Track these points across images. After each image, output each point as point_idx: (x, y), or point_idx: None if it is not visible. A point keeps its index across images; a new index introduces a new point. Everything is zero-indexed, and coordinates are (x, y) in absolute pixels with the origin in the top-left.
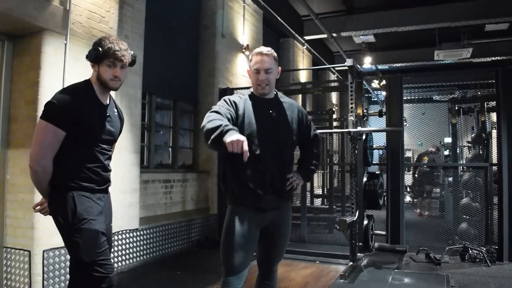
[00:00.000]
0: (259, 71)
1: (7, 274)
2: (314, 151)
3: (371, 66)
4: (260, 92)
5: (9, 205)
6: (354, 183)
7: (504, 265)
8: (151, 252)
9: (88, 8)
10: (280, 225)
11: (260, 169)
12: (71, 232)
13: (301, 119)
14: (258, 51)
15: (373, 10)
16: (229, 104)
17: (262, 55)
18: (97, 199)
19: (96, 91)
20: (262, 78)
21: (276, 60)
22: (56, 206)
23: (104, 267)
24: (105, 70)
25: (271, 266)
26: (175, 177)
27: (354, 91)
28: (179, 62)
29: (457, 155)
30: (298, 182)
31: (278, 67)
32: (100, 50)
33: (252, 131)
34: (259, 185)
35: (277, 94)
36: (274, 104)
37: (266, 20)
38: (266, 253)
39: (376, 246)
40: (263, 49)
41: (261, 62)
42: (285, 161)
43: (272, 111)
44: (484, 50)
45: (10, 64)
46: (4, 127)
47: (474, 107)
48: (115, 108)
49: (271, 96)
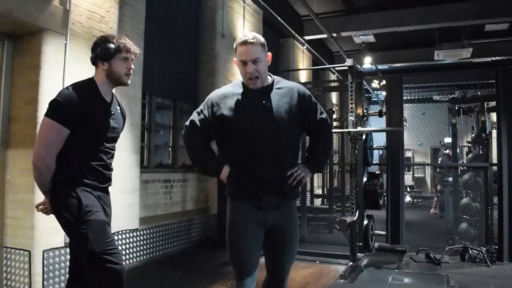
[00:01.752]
0: (246, 63)
1: (7, 274)
2: (322, 138)
3: (371, 66)
4: (252, 87)
5: (9, 205)
6: (354, 183)
7: (504, 265)
8: (151, 252)
9: (88, 8)
10: (284, 230)
11: (256, 168)
12: (78, 225)
13: (302, 104)
14: (242, 40)
15: (373, 10)
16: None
17: (247, 45)
18: (97, 196)
19: (100, 89)
20: (250, 70)
21: (264, 46)
22: (59, 202)
23: (115, 256)
24: (119, 65)
25: (277, 276)
26: (175, 177)
27: (354, 91)
28: (179, 62)
29: (457, 155)
30: (303, 175)
31: (268, 54)
32: (112, 46)
33: (241, 128)
34: (256, 184)
35: (274, 80)
36: (268, 93)
37: (266, 20)
38: (272, 260)
39: (376, 246)
40: (248, 36)
41: (246, 53)
42: (285, 155)
43: (266, 101)
44: (484, 50)
45: (10, 64)
46: (4, 127)
47: (474, 107)
48: (117, 106)
49: (264, 84)
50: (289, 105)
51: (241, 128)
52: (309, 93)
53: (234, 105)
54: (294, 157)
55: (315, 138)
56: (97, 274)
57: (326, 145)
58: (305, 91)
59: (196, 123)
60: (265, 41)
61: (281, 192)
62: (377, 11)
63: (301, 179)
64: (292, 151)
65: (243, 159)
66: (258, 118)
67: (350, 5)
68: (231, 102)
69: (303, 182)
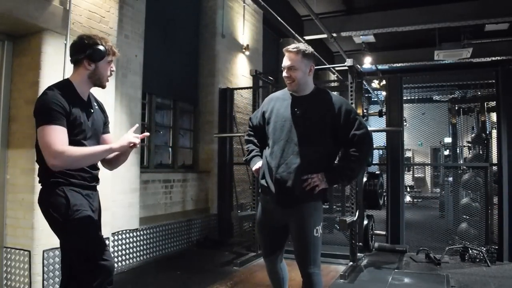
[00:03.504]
0: (284, 69)
1: (7, 274)
2: (352, 153)
3: (371, 66)
4: (288, 89)
5: (9, 205)
6: (354, 183)
7: (504, 265)
8: (151, 252)
9: (88, 8)
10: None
11: (274, 167)
12: (66, 224)
13: (337, 116)
14: (285, 48)
15: (373, 10)
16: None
17: (287, 52)
18: (85, 195)
19: (77, 88)
20: (285, 75)
21: (307, 57)
22: (47, 201)
23: (103, 253)
24: (105, 67)
25: (300, 268)
26: (175, 177)
27: (354, 91)
28: (179, 62)
29: (457, 155)
30: (318, 183)
31: (310, 64)
32: (103, 49)
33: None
34: (272, 182)
35: (316, 91)
36: (304, 101)
37: (266, 20)
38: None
39: (376, 246)
40: (290, 46)
41: (284, 60)
42: (304, 161)
43: (298, 108)
44: (484, 50)
45: (10, 64)
46: (4, 127)
47: (474, 107)
48: (95, 102)
49: (304, 93)
50: (322, 113)
51: (272, 130)
52: (350, 108)
53: (274, 108)
54: (316, 165)
55: (344, 152)
56: (87, 271)
57: (354, 161)
58: (344, 104)
59: (249, 122)
60: (311, 52)
61: (292, 193)
62: (377, 11)
63: (314, 186)
64: (314, 158)
65: (269, 158)
66: (288, 124)
67: (350, 5)
68: (273, 105)
69: (316, 189)
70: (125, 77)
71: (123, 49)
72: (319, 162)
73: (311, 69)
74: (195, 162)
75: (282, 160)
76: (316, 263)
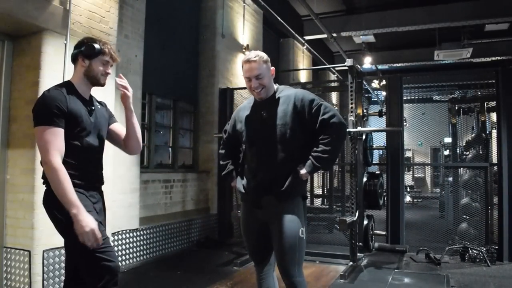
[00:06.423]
0: (250, 79)
1: (7, 274)
2: (323, 138)
3: (371, 66)
4: (258, 98)
5: (9, 205)
6: (354, 183)
7: (504, 265)
8: (151, 252)
9: (88, 8)
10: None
11: (252, 172)
12: (70, 225)
13: (300, 109)
14: (245, 59)
15: (373, 10)
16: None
17: (249, 63)
18: (89, 196)
19: (78, 88)
20: (254, 86)
21: (267, 62)
22: (51, 202)
23: (108, 254)
24: (98, 65)
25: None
26: (175, 177)
27: (354, 91)
28: (179, 62)
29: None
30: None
31: (271, 68)
32: (97, 46)
33: (245, 137)
34: (249, 182)
35: (276, 91)
36: (268, 104)
37: (266, 20)
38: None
39: (376, 246)
40: (250, 55)
41: (250, 70)
42: (279, 160)
43: (264, 111)
44: (484, 50)
45: (10, 64)
46: (4, 127)
47: (474, 107)
48: (96, 102)
49: (268, 95)
50: (284, 112)
51: (245, 137)
52: (311, 97)
53: (244, 117)
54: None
55: (317, 138)
56: (92, 272)
57: (326, 143)
58: (305, 96)
59: (223, 133)
60: (267, 57)
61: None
62: (377, 11)
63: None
64: (289, 155)
65: (247, 164)
66: (257, 128)
67: (350, 5)
68: (242, 114)
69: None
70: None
71: (123, 49)
72: (294, 157)
73: (273, 73)
74: (195, 162)
75: (259, 163)
76: (300, 269)
